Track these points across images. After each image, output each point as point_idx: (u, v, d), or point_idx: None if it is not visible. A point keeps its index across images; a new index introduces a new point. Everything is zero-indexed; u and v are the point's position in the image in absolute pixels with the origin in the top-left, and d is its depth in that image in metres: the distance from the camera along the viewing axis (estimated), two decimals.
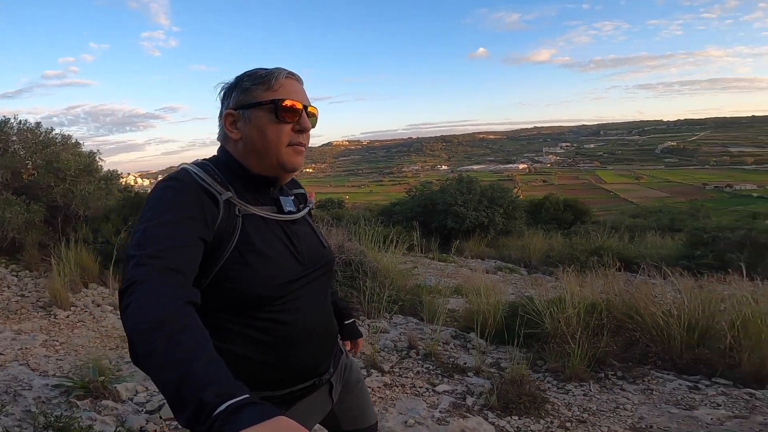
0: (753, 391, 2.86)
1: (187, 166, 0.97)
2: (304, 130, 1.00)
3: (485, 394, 2.79)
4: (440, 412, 2.59)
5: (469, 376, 3.14)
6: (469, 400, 2.77)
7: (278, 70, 1.00)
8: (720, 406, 2.70)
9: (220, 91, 1.04)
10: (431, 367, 3.31)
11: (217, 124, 1.05)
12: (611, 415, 2.62)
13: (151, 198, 0.90)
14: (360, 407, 1.27)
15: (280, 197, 1.07)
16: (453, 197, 12.95)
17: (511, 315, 3.90)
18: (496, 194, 13.49)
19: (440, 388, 2.94)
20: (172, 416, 2.36)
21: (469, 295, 4.71)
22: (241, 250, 0.92)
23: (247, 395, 0.57)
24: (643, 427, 2.48)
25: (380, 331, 3.93)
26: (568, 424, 2.50)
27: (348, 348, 1.39)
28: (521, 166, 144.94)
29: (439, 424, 2.43)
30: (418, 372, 3.24)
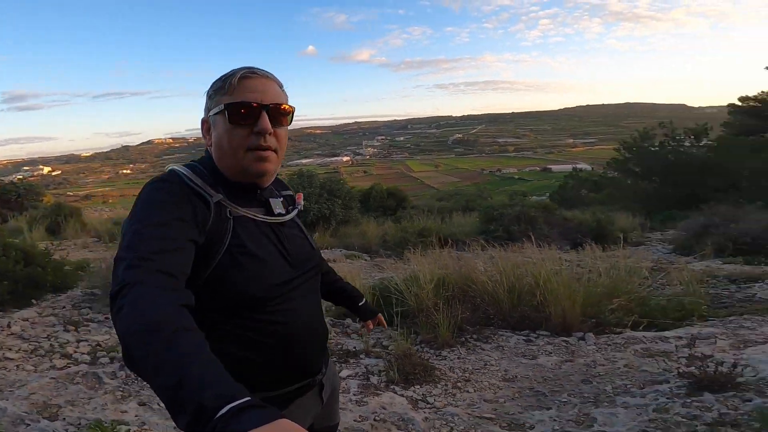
0: (566, 338, 3.44)
1: (176, 168, 0.93)
2: (261, 132, 0.92)
3: (384, 372, 3.06)
4: (354, 394, 2.78)
5: (362, 359, 3.37)
6: (373, 379, 3.01)
7: (234, 71, 0.94)
8: (552, 353, 3.28)
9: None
10: None
11: None
12: (485, 371, 3.09)
13: (139, 200, 0.85)
14: (335, 409, 1.31)
15: (270, 199, 1.03)
16: (295, 191, 12.92)
17: (384, 296, 4.22)
18: (335, 186, 13.90)
19: (343, 373, 3.11)
20: None
21: None
22: (233, 253, 0.89)
23: (249, 398, 0.54)
24: (511, 377, 2.99)
25: None
26: (459, 384, 2.92)
27: (371, 326, 1.45)
28: (345, 158, 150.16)
29: (360, 405, 2.63)
30: None
